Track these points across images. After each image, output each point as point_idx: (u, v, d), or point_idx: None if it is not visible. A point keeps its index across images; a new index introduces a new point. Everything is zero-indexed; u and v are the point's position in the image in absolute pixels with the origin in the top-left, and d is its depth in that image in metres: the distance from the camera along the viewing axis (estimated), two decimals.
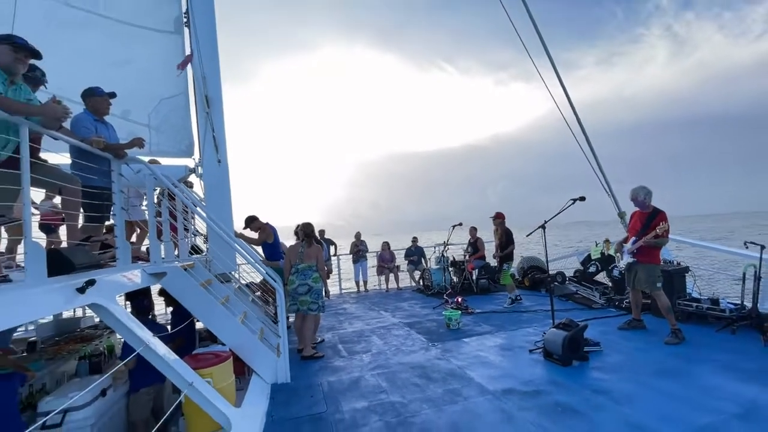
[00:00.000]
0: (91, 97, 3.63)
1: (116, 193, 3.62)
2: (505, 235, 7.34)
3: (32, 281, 2.44)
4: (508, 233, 7.39)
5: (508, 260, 7.29)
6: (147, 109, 4.87)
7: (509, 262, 7.33)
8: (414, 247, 10.46)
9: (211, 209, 4.74)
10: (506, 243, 7.29)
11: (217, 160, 4.60)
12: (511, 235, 7.39)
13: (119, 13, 4.92)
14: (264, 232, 6.20)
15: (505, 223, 7.47)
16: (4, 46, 2.68)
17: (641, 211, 4.94)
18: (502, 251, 7.32)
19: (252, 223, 6.15)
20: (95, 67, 4.69)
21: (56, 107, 2.89)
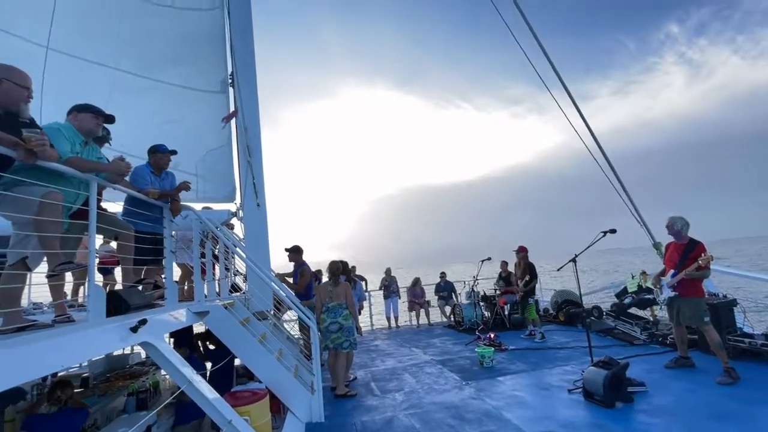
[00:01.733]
0: (155, 154, 4.08)
1: (167, 237, 3.96)
2: (528, 269, 7.32)
3: (93, 321, 2.69)
4: (531, 267, 7.38)
5: (531, 294, 7.27)
6: (195, 159, 5.36)
7: (532, 296, 7.30)
8: (443, 282, 10.38)
9: (250, 250, 5.03)
10: (529, 277, 7.27)
11: (256, 204, 4.95)
12: (534, 269, 7.38)
13: (174, 78, 5.59)
14: (304, 276, 6.32)
15: (528, 256, 7.46)
16: (86, 114, 3.12)
17: (677, 242, 4.80)
18: (525, 285, 7.28)
19: (294, 253, 6.27)
20: (152, 125, 5.28)
21: (120, 164, 3.27)
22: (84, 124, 3.06)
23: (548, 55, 6.49)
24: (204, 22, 5.74)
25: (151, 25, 5.81)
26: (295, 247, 6.32)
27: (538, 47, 6.44)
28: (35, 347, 2.06)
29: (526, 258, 7.42)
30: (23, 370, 1.91)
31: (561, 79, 6.47)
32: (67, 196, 2.78)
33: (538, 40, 6.43)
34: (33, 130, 2.31)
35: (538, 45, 6.43)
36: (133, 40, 5.70)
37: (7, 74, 2.38)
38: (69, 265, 2.61)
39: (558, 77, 6.50)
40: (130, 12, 5.61)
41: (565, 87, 6.41)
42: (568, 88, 6.42)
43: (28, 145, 2.25)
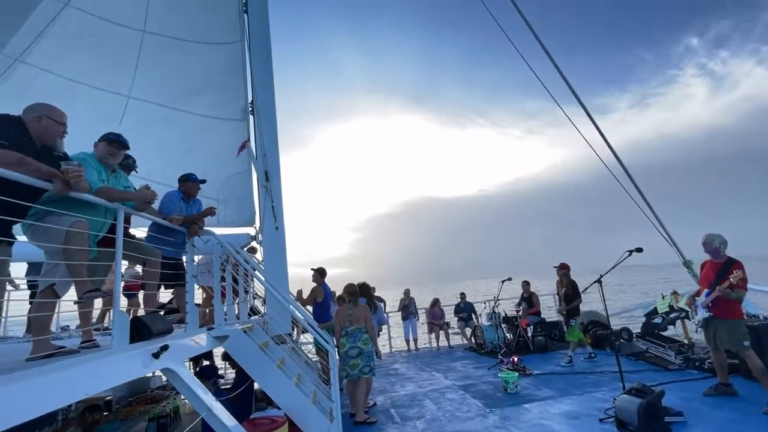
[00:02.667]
0: (186, 182, 4.24)
1: (189, 262, 4.04)
2: (571, 287, 6.94)
3: (117, 347, 2.73)
4: (574, 285, 6.96)
5: (574, 315, 6.87)
6: (216, 185, 5.52)
7: (576, 317, 6.90)
8: (463, 303, 10.17)
9: (269, 272, 5.07)
10: (572, 296, 6.90)
11: (275, 227, 5.02)
12: (577, 288, 6.95)
13: (197, 108, 5.85)
14: (314, 292, 6.38)
15: (570, 273, 7.12)
16: (101, 143, 3.26)
17: (714, 261, 4.57)
18: (567, 305, 6.92)
19: (317, 273, 6.34)
20: (177, 152, 5.52)
21: (147, 192, 3.39)
22: (99, 153, 3.19)
23: (561, 71, 6.44)
24: (226, 55, 6.02)
25: (177, 59, 6.13)
26: (320, 268, 6.41)
27: (551, 63, 6.39)
28: (65, 374, 2.10)
29: (568, 275, 7.11)
30: (55, 397, 1.95)
31: (576, 95, 6.38)
32: (95, 225, 2.89)
33: (550, 56, 6.39)
34: (70, 163, 2.43)
35: (550, 61, 6.40)
36: (161, 73, 6.02)
37: (47, 112, 2.54)
38: (96, 293, 2.69)
39: (573, 93, 6.41)
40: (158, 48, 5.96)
41: (581, 102, 6.30)
42: (583, 103, 6.31)
43: (66, 177, 2.36)
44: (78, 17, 5.69)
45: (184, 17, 6.23)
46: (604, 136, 6.15)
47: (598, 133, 6.16)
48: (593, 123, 6.24)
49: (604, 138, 6.13)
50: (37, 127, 2.48)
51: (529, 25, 6.18)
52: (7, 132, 2.28)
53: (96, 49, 5.77)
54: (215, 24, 6.09)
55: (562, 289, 7.07)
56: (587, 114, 6.26)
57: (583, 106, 6.21)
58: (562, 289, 7.09)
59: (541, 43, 6.23)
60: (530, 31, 6.23)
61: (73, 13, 5.63)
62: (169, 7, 6.16)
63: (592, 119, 6.28)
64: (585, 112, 6.19)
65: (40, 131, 2.48)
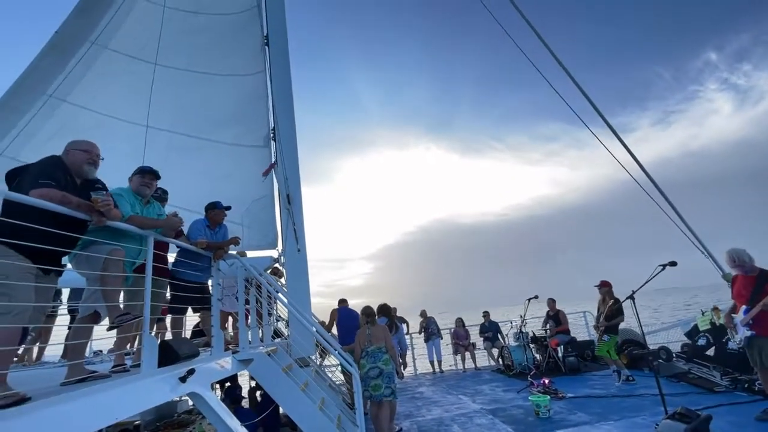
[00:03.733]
0: (212, 210, 4.41)
1: (214, 286, 4.13)
2: (615, 303, 6.65)
3: (146, 371, 2.79)
4: (618, 302, 6.69)
5: (611, 332, 6.57)
6: (241, 210, 5.71)
7: (612, 335, 6.59)
8: (488, 322, 9.89)
9: (292, 294, 5.12)
10: (615, 312, 6.60)
11: (297, 249, 5.11)
12: (621, 306, 6.66)
13: (223, 137, 6.15)
14: (332, 315, 6.39)
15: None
16: (135, 176, 3.47)
17: (745, 275, 4.31)
18: (608, 320, 6.61)
19: (342, 301, 6.42)
20: (204, 180, 5.78)
21: (174, 220, 3.55)
22: (134, 186, 3.39)
23: (584, 90, 6.34)
24: (249, 85, 6.33)
25: (204, 91, 6.50)
26: (342, 299, 6.47)
27: (572, 83, 6.31)
28: (98, 399, 2.18)
29: (611, 292, 6.84)
30: (89, 422, 2.03)
31: (600, 113, 6.22)
32: (131, 252, 3.03)
33: (571, 76, 6.33)
34: (99, 193, 2.58)
35: (572, 81, 6.32)
36: (189, 106, 6.39)
37: (73, 144, 2.74)
38: (127, 317, 2.79)
39: (596, 111, 6.25)
40: (187, 82, 6.35)
41: (605, 120, 6.14)
42: (609, 122, 6.14)
43: (96, 206, 2.51)
44: (116, 58, 6.14)
45: (210, 52, 6.63)
46: (632, 153, 5.97)
47: (626, 150, 5.99)
48: (620, 140, 6.04)
49: (632, 154, 5.94)
50: (68, 161, 2.66)
51: (547, 47, 6.18)
52: (54, 173, 2.49)
53: (130, 86, 6.18)
54: (239, 57, 6.44)
55: (605, 306, 6.76)
56: (614, 132, 6.08)
57: (609, 125, 6.08)
58: (605, 306, 6.78)
59: (561, 63, 6.18)
60: (549, 52, 6.21)
61: (110, 54, 6.09)
62: (196, 44, 6.58)
63: (619, 136, 6.10)
64: (611, 130, 6.05)
65: (70, 164, 2.66)
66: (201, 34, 6.66)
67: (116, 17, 6.13)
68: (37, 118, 5.58)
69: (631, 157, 6.00)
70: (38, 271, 2.37)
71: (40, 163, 2.59)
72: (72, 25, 5.83)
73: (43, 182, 2.36)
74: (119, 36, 6.21)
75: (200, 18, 6.60)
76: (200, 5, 6.65)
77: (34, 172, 2.47)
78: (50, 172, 2.49)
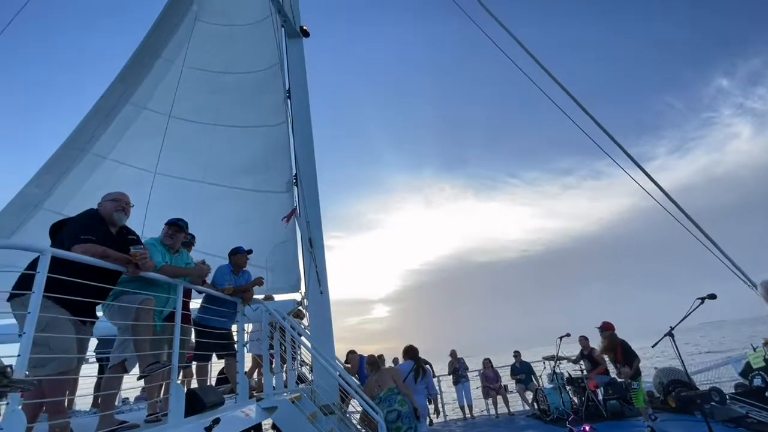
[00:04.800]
0: (235, 255, 4.56)
1: (239, 331, 4.18)
2: (622, 348, 6.25)
3: (173, 421, 2.80)
4: (625, 346, 6.27)
5: (636, 377, 6.13)
6: (265, 254, 5.87)
7: (638, 379, 6.13)
8: (519, 363, 9.40)
9: (315, 338, 5.10)
10: (628, 357, 6.18)
11: (319, 291, 5.15)
12: (629, 347, 6.28)
13: (247, 184, 6.49)
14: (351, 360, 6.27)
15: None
16: (165, 228, 3.66)
17: None
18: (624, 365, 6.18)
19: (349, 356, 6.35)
20: (230, 225, 6.05)
21: (202, 267, 3.69)
22: (164, 239, 3.57)
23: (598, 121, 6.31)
24: (272, 136, 6.73)
25: (230, 143, 6.94)
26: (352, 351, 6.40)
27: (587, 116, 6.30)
28: None
29: (614, 336, 6.45)
30: None
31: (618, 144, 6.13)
32: (159, 301, 3.15)
33: (584, 109, 6.34)
34: (138, 247, 2.75)
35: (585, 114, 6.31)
36: (216, 156, 6.82)
37: (105, 196, 2.96)
38: (156, 365, 2.85)
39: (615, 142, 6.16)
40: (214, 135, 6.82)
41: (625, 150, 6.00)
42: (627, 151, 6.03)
43: (134, 260, 2.66)
44: (151, 117, 6.70)
45: (236, 107, 7.14)
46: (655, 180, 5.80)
47: (649, 178, 5.84)
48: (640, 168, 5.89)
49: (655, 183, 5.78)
50: (102, 212, 2.85)
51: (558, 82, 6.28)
52: (94, 227, 2.68)
53: (163, 141, 6.68)
54: (263, 110, 6.91)
55: (610, 353, 6.34)
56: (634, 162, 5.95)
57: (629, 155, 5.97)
58: (610, 352, 6.37)
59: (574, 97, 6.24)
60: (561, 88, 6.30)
61: (147, 114, 6.66)
62: (223, 101, 7.13)
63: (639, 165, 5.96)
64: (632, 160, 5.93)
65: (104, 214, 2.85)
66: (228, 91, 7.23)
67: (153, 81, 6.76)
68: (80, 175, 6.06)
69: (654, 185, 5.82)
70: (77, 322, 2.50)
71: (79, 217, 2.78)
72: (115, 89, 6.46)
73: (84, 238, 2.54)
74: (155, 96, 6.81)
75: (227, 77, 7.21)
76: (228, 66, 7.27)
77: (75, 227, 2.66)
78: (89, 226, 2.67)
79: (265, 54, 7.01)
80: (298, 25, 6.50)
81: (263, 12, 6.95)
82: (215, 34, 7.36)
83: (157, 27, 6.76)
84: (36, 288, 2.09)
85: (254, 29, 7.37)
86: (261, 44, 7.13)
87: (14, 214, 5.62)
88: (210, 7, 7.30)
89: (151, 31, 6.70)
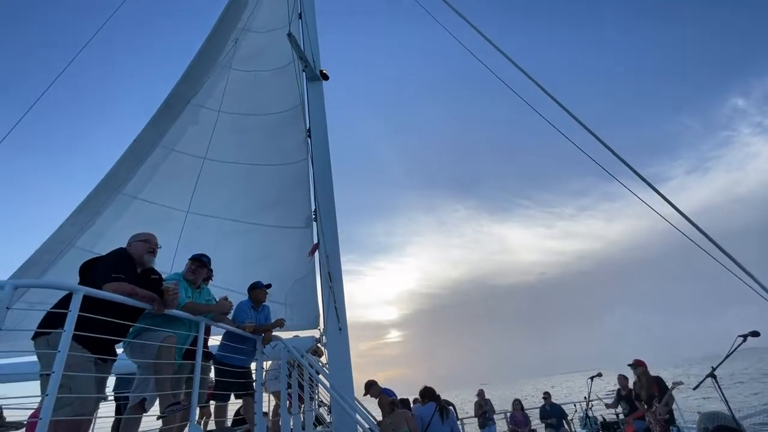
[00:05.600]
0: (254, 290, 4.60)
1: (258, 370, 4.13)
2: (657, 386, 5.82)
3: None
4: (660, 383, 5.85)
5: (671, 422, 5.66)
6: (285, 289, 5.89)
7: (673, 424, 5.66)
8: (548, 405, 8.87)
9: (333, 376, 4.98)
10: (661, 397, 5.73)
11: (338, 327, 5.09)
12: (664, 385, 5.84)
13: (268, 220, 6.67)
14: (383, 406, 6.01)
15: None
16: (188, 263, 3.74)
17: None
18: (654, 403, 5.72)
19: (371, 389, 6.11)
20: (250, 261, 6.14)
21: (225, 304, 3.72)
22: (186, 274, 3.65)
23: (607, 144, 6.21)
24: (292, 172, 6.95)
25: (251, 180, 7.21)
26: (368, 382, 6.13)
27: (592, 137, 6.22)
28: None
29: (647, 374, 6.05)
30: None
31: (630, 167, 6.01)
32: (180, 338, 3.17)
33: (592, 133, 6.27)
34: (169, 283, 2.85)
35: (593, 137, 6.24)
36: (237, 193, 7.07)
37: (134, 237, 3.06)
38: (177, 407, 2.83)
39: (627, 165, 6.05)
40: (236, 174, 7.14)
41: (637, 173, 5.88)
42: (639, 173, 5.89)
43: (167, 295, 2.76)
44: (179, 158, 7.06)
45: (258, 146, 7.48)
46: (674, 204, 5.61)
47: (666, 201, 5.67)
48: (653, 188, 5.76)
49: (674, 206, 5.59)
50: (131, 252, 2.95)
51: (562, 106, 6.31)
52: (123, 266, 2.77)
53: (189, 180, 6.99)
54: (283, 149, 7.21)
55: (642, 391, 5.90)
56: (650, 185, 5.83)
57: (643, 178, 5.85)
58: (641, 390, 5.93)
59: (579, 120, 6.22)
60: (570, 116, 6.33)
61: (176, 155, 7.02)
62: (246, 140, 7.50)
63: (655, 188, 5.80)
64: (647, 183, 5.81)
65: (134, 255, 2.94)
66: (251, 132, 7.61)
67: (182, 125, 7.20)
68: (111, 214, 6.35)
69: (672, 208, 5.62)
70: (97, 361, 2.50)
71: (109, 256, 2.87)
72: (147, 133, 6.88)
73: (115, 276, 2.62)
74: (183, 139, 7.20)
75: (250, 119, 7.63)
76: (252, 108, 7.70)
77: (105, 266, 2.74)
78: (119, 265, 2.76)
79: (287, 96, 7.39)
80: (317, 69, 6.86)
81: (287, 58, 7.39)
82: (242, 79, 7.88)
83: (188, 75, 7.29)
84: (67, 326, 2.13)
85: (277, 74, 7.83)
86: (283, 88, 7.54)
87: (48, 252, 5.87)
88: (240, 56, 7.89)
89: (182, 79, 7.22)
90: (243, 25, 8.12)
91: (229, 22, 7.98)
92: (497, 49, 4.48)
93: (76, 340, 2.30)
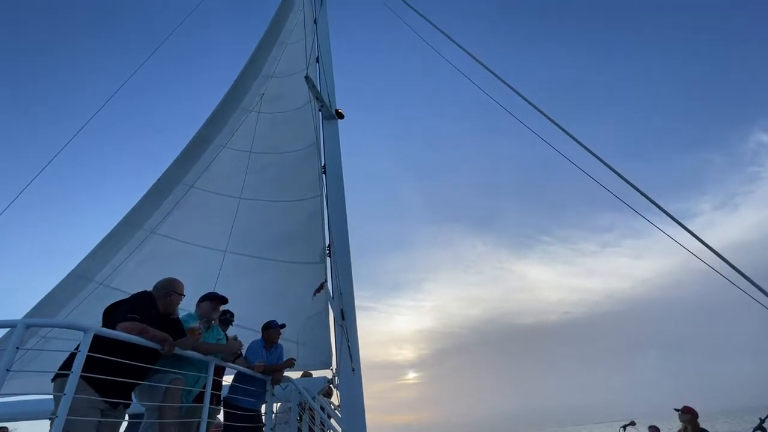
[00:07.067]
0: (268, 330, 4.52)
1: (267, 413, 3.96)
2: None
3: None
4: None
5: None
6: (296, 327, 5.76)
7: None
8: None
9: (346, 420, 4.73)
10: None
11: (351, 368, 4.89)
12: None
13: (281, 255, 6.70)
14: None
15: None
16: (206, 302, 3.69)
17: None
18: None
19: None
20: (263, 298, 6.10)
21: (235, 344, 3.65)
22: (204, 312, 3.59)
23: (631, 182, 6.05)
24: (307, 208, 7.03)
25: (266, 216, 7.33)
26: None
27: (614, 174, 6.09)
28: None
29: (696, 423, 5.52)
30: None
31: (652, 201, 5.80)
32: (189, 380, 3.08)
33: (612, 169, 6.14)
34: (193, 324, 2.86)
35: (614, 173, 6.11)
36: (252, 229, 7.17)
37: (173, 287, 3.03)
38: None
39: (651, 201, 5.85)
40: (251, 210, 7.29)
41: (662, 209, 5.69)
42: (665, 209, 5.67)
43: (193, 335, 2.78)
44: (198, 194, 7.25)
45: (274, 183, 7.66)
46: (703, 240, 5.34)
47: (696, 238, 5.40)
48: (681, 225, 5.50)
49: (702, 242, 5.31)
50: (165, 302, 2.96)
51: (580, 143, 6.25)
52: (141, 307, 2.78)
53: (205, 216, 7.16)
54: (299, 185, 7.35)
55: None
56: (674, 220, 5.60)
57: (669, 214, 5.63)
58: None
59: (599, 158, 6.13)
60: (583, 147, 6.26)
61: (195, 192, 7.23)
62: (262, 178, 7.71)
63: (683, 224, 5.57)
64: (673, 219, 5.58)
65: (167, 305, 2.96)
66: (267, 170, 7.83)
67: (204, 163, 7.47)
68: (130, 249, 6.46)
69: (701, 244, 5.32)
70: (105, 405, 2.40)
71: (131, 299, 2.88)
72: (172, 171, 7.15)
73: (130, 316, 2.61)
74: (204, 177, 7.44)
75: (267, 157, 7.88)
76: (269, 147, 7.98)
77: (125, 308, 2.74)
78: (138, 307, 2.76)
79: (303, 135, 7.63)
80: (333, 108, 7.08)
81: (304, 99, 7.71)
82: (262, 120, 8.28)
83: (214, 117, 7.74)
84: (74, 368, 2.07)
85: (294, 114, 8.16)
86: (300, 127, 7.81)
87: (68, 286, 5.94)
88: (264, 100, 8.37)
89: (208, 122, 7.67)
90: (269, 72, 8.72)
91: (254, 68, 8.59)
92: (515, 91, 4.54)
93: (89, 383, 2.24)
